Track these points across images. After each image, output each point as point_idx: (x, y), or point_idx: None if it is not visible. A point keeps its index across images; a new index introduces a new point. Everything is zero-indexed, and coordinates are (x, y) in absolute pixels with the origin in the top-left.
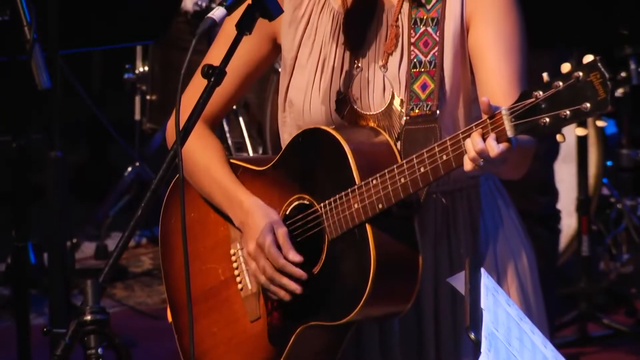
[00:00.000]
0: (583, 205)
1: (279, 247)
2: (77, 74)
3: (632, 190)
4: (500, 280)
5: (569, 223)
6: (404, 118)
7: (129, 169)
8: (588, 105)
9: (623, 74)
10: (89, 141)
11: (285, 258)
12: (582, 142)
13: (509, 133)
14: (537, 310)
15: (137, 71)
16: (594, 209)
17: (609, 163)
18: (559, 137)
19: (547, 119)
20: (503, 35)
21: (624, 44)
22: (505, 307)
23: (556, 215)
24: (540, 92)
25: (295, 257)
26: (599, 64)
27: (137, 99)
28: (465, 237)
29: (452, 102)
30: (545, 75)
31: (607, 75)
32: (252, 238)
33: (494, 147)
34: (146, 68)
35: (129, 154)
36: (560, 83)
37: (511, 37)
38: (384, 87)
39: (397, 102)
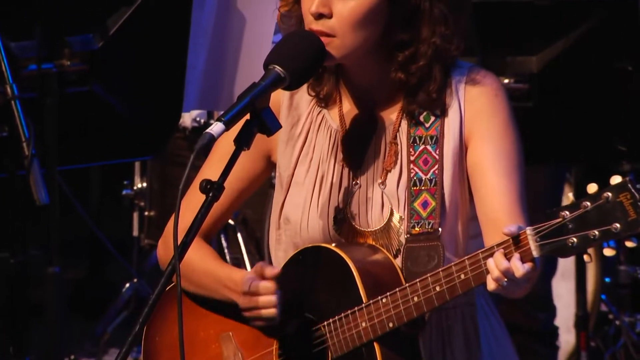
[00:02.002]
0: (581, 322)
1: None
2: (75, 190)
3: (630, 307)
4: None
5: (567, 339)
6: (404, 235)
7: (127, 285)
8: (618, 225)
9: None
10: (87, 257)
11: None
12: (580, 258)
13: (535, 253)
14: None
15: (135, 187)
16: (593, 325)
17: (607, 279)
18: (586, 258)
19: (575, 239)
20: (502, 153)
21: (622, 160)
22: None
23: (554, 332)
24: (567, 212)
25: (273, 271)
26: (629, 185)
27: (135, 215)
28: (460, 354)
29: (451, 220)
30: (571, 195)
31: (637, 195)
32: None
33: (519, 267)
34: (144, 184)
35: (127, 270)
36: (588, 203)
37: (510, 154)
38: (383, 204)
39: (395, 219)
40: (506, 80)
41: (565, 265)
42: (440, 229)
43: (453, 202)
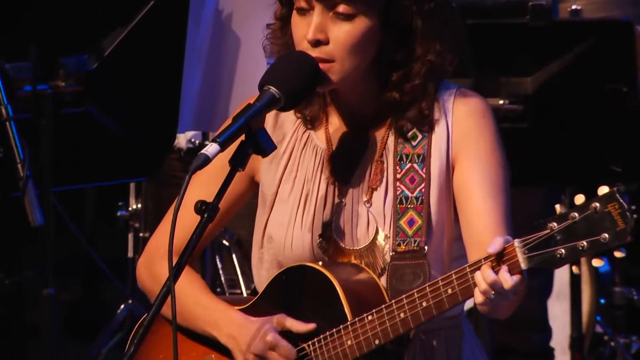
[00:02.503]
0: (577, 343)
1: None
2: (70, 211)
3: (625, 328)
4: None
5: None
6: (390, 254)
7: (122, 306)
8: (606, 236)
9: None
10: (82, 278)
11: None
12: (575, 279)
13: (523, 265)
14: None
15: (130, 208)
16: (588, 346)
17: (602, 300)
18: (574, 269)
19: (563, 250)
20: (488, 175)
21: (617, 182)
22: None
23: (549, 353)
24: (555, 224)
25: (307, 326)
26: (617, 195)
27: (130, 236)
28: None
29: (437, 238)
30: (558, 207)
31: (626, 205)
32: (248, 347)
33: (508, 279)
34: (139, 205)
35: (122, 291)
36: (576, 214)
37: (496, 176)
38: (368, 222)
39: (381, 237)
40: (501, 102)
41: (560, 287)
42: (426, 247)
43: (440, 221)
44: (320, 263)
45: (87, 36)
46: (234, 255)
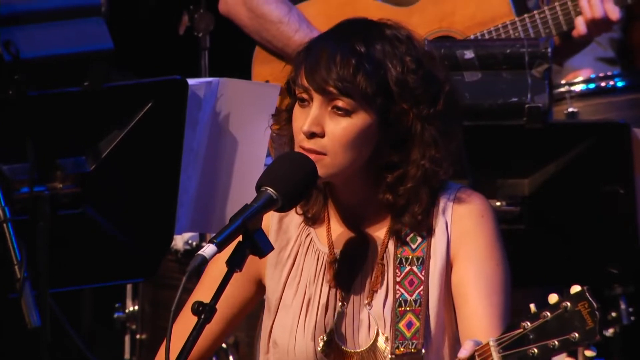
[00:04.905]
0: None
1: None
2: (67, 313)
3: None
4: None
5: None
6: (389, 356)
7: None
8: (576, 335)
9: (613, 314)
10: None
11: None
12: None
13: None
14: None
15: (127, 310)
16: None
17: None
18: None
19: (535, 350)
20: (484, 276)
21: (614, 284)
22: None
23: None
24: (528, 323)
25: None
26: (587, 294)
27: (127, 338)
28: None
29: (437, 340)
30: (532, 306)
31: (595, 304)
32: None
33: None
34: (136, 307)
35: None
36: (548, 313)
37: (493, 277)
38: (369, 324)
39: (381, 340)
40: (497, 203)
41: None
42: (423, 350)
43: (439, 323)
44: None
45: (84, 138)
46: (231, 357)
